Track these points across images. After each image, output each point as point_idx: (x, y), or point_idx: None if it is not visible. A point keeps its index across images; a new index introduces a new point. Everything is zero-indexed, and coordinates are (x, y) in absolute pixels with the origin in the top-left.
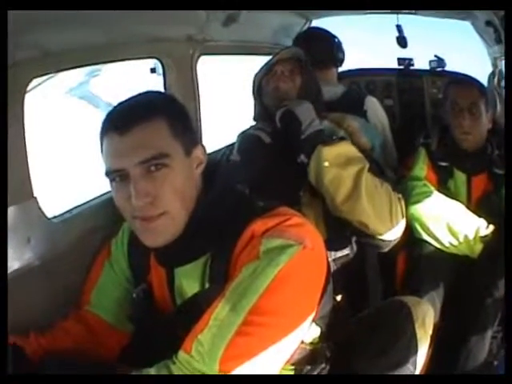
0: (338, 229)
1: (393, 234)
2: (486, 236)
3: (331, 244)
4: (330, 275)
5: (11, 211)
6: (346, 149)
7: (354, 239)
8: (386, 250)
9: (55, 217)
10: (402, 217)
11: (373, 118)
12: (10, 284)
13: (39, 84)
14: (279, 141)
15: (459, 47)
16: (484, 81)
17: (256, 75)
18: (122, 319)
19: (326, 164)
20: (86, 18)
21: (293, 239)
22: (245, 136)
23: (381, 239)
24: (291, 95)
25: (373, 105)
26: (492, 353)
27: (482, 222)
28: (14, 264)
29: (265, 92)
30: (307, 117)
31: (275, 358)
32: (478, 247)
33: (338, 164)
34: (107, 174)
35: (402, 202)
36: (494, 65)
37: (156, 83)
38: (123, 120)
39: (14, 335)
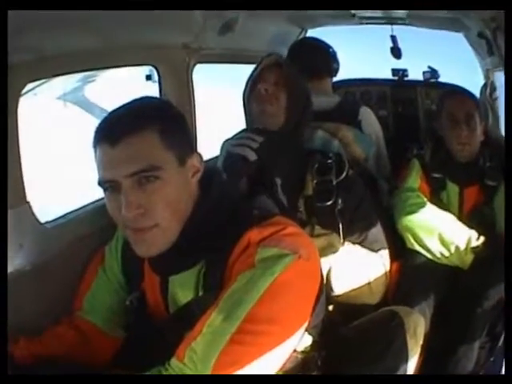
0: None
1: (377, 298)
2: (476, 247)
3: None
4: (324, 285)
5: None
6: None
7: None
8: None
9: (48, 222)
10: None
11: (367, 129)
12: None
13: (33, 88)
14: (265, 157)
15: (452, 59)
16: (476, 92)
17: (244, 93)
18: (114, 325)
19: None
20: (82, 23)
21: (288, 249)
22: (229, 153)
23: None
24: (279, 117)
25: (367, 115)
26: (479, 363)
27: (473, 234)
28: None
29: (252, 114)
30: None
31: (268, 366)
32: (469, 258)
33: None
34: (100, 183)
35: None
36: (487, 77)
37: (152, 90)
38: (114, 131)
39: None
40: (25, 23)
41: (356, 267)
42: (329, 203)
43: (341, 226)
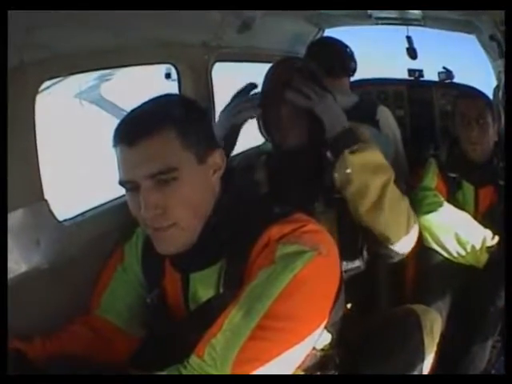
0: (351, 240)
1: (408, 245)
2: (491, 247)
3: (343, 255)
4: (343, 282)
5: (20, 213)
6: (373, 157)
7: (365, 250)
8: (397, 260)
9: (66, 220)
10: (416, 230)
11: (385, 128)
12: (17, 287)
13: (49, 86)
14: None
15: (467, 60)
16: (490, 93)
17: (258, 116)
18: (132, 323)
19: (353, 172)
20: (99, 20)
21: (308, 245)
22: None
23: (396, 251)
24: (303, 135)
25: (385, 115)
26: (491, 362)
27: (488, 233)
28: (21, 266)
29: (273, 135)
30: (331, 115)
31: (287, 363)
32: (484, 257)
33: (365, 172)
34: (120, 183)
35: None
36: (498, 78)
37: (171, 89)
38: (131, 132)
39: (16, 340)
40: (41, 21)
41: None
42: None
43: None
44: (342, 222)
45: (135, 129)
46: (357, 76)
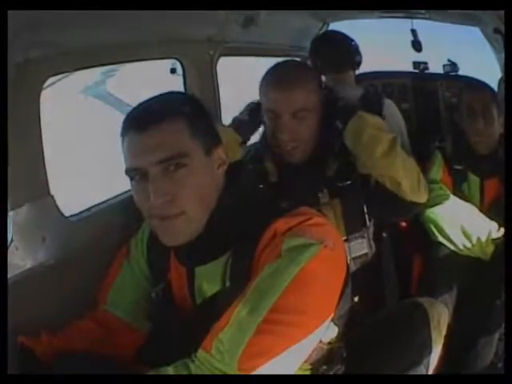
0: (357, 228)
1: (421, 195)
2: (497, 238)
3: (350, 243)
4: (349, 275)
5: (26, 209)
6: (381, 121)
7: (371, 237)
8: (409, 216)
9: (72, 215)
10: (425, 185)
11: (391, 122)
12: (23, 283)
13: (55, 82)
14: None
15: (471, 53)
16: (495, 86)
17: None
18: (138, 318)
19: (365, 126)
20: (104, 17)
21: (314, 238)
22: (247, 170)
23: (408, 199)
24: (308, 148)
25: (390, 108)
26: (498, 354)
27: (494, 225)
28: (27, 263)
29: (275, 146)
30: (343, 87)
31: (294, 357)
32: (490, 249)
33: (376, 128)
34: (127, 172)
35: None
36: (503, 70)
37: (176, 84)
38: (142, 119)
39: (23, 336)
40: (46, 18)
41: None
42: (349, 182)
43: (365, 207)
44: (346, 209)
45: (145, 116)
46: (362, 69)
